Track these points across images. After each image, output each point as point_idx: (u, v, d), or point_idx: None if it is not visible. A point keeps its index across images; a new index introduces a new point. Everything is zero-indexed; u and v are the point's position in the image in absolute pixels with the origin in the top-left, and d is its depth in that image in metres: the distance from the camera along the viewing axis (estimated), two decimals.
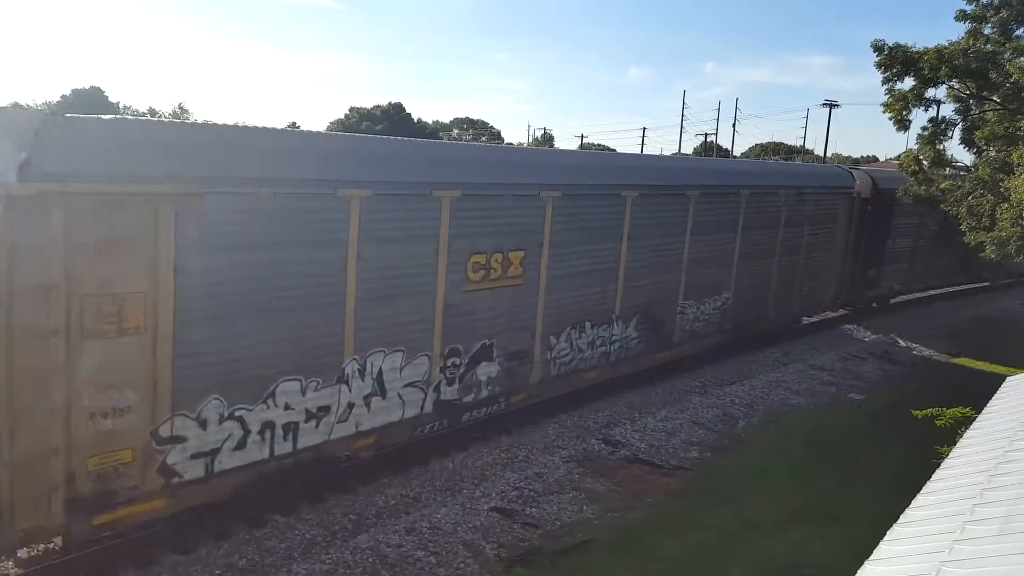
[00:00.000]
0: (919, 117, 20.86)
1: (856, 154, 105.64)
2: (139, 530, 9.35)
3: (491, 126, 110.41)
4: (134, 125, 9.35)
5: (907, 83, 18.97)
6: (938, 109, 20.56)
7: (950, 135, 19.92)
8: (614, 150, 72.99)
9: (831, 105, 71.01)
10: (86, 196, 7.81)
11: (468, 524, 10.80)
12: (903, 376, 20.14)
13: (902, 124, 19.16)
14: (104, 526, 8.62)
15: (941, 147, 19.89)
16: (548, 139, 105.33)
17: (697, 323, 18.06)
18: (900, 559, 5.00)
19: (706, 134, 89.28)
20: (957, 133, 20.11)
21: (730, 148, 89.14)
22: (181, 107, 66.54)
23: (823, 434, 15.37)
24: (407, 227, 11.19)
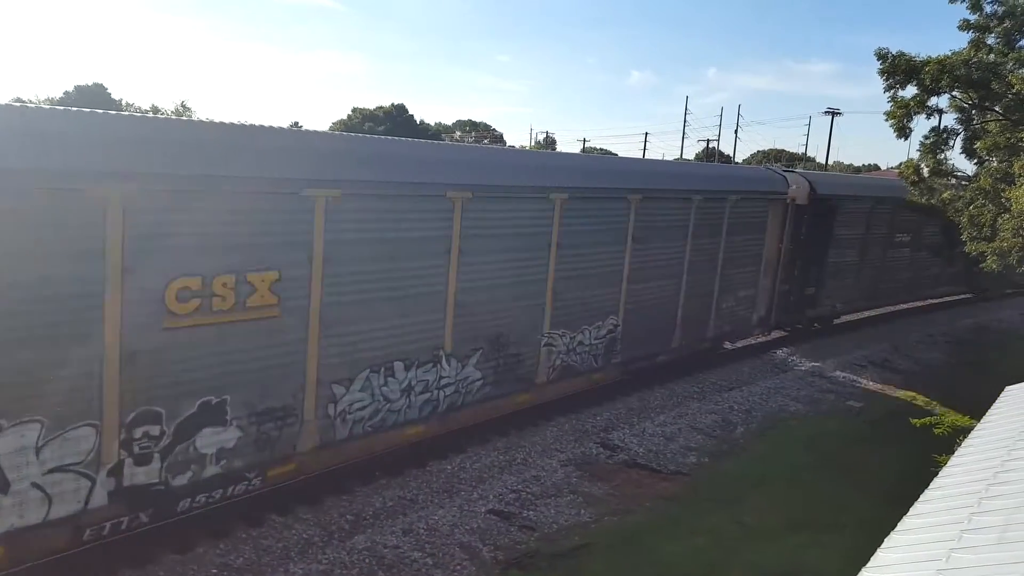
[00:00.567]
0: (921, 126, 20.88)
1: (858, 162, 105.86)
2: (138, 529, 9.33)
3: (493, 128, 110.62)
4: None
5: (909, 91, 19.00)
6: (940, 119, 20.61)
7: (951, 145, 19.93)
8: (615, 154, 72.65)
9: (833, 113, 71.32)
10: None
11: (465, 526, 10.81)
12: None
13: (903, 132, 19.15)
14: None
15: (943, 156, 19.89)
16: (551, 142, 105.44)
17: (573, 356, 14.93)
18: (897, 567, 5.01)
19: (708, 140, 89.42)
20: (959, 143, 20.13)
21: (732, 154, 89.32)
22: (184, 105, 66.66)
23: (822, 441, 15.38)
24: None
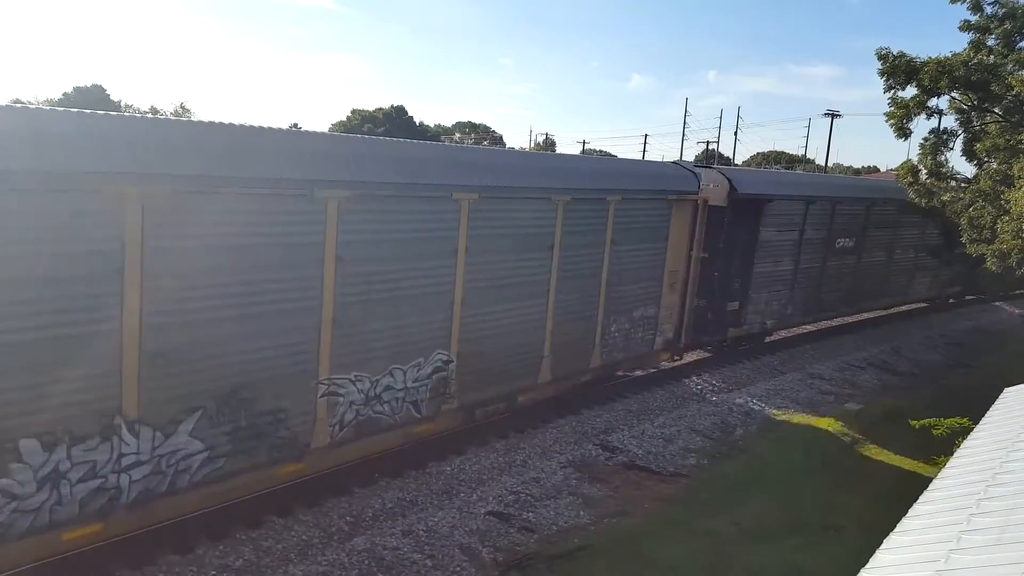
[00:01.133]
0: (921, 127, 20.81)
1: (858, 164, 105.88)
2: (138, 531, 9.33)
3: (493, 130, 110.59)
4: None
5: (909, 92, 19.00)
6: (939, 120, 20.60)
7: (951, 146, 19.92)
8: (614, 155, 72.47)
9: (833, 115, 71.32)
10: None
11: (465, 528, 10.80)
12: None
13: (903, 133, 19.14)
14: None
15: (942, 158, 19.88)
16: (550, 144, 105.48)
17: (377, 406, 11.39)
18: (896, 567, 5.01)
19: (707, 142, 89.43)
20: (958, 144, 20.12)
21: (732, 156, 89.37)
22: (183, 106, 66.67)
23: (821, 443, 15.37)
24: None
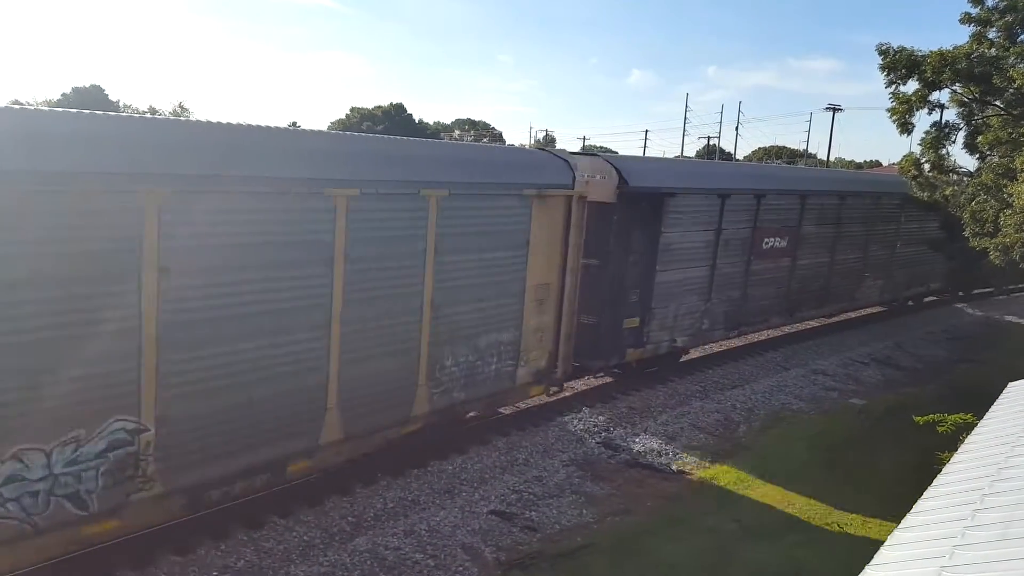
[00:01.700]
0: (923, 121, 20.72)
1: (860, 158, 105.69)
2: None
3: (492, 127, 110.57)
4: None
5: (911, 86, 18.93)
6: (941, 113, 20.51)
7: (953, 140, 19.83)
8: (616, 152, 72.42)
9: (834, 109, 71.22)
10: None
11: (467, 527, 10.77)
12: None
13: (905, 127, 19.08)
14: None
15: (944, 151, 19.80)
16: (550, 141, 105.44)
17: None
18: (901, 564, 4.97)
19: (708, 137, 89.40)
20: (960, 138, 20.03)
21: (733, 151, 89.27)
22: (181, 106, 66.65)
23: (824, 439, 15.32)
24: None
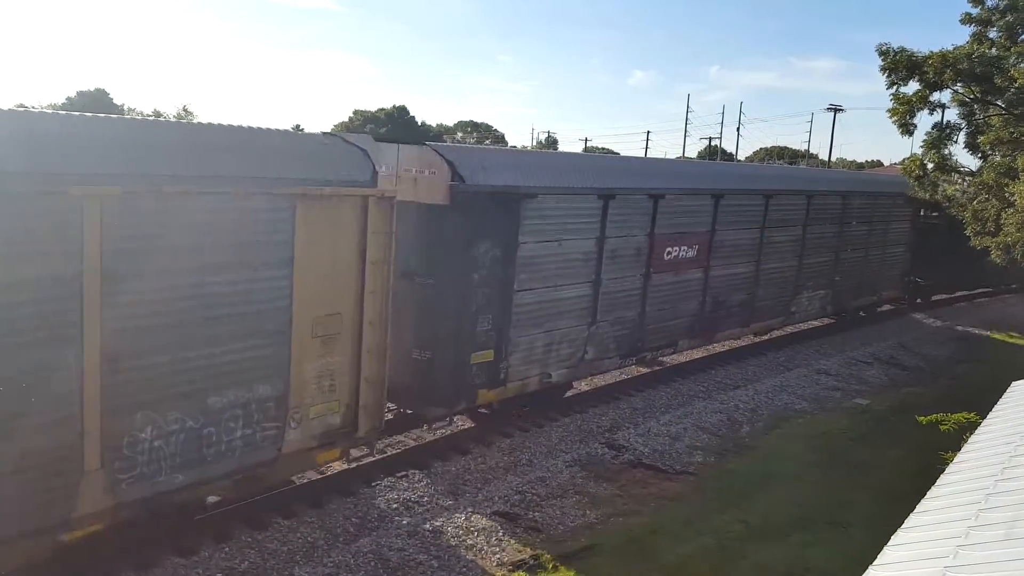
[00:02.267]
0: (924, 121, 20.69)
1: (862, 158, 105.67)
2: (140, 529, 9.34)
3: (495, 129, 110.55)
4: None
5: (912, 87, 18.94)
6: (943, 114, 20.52)
7: (955, 139, 19.84)
8: (618, 153, 72.18)
9: (836, 109, 71.16)
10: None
11: (471, 528, 10.78)
12: None
13: (906, 128, 19.11)
14: None
15: (946, 151, 19.80)
16: (552, 142, 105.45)
17: None
18: (904, 564, 4.98)
19: (710, 138, 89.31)
20: (962, 137, 20.04)
21: (735, 152, 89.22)
22: (186, 109, 66.71)
23: (827, 439, 15.32)
24: None
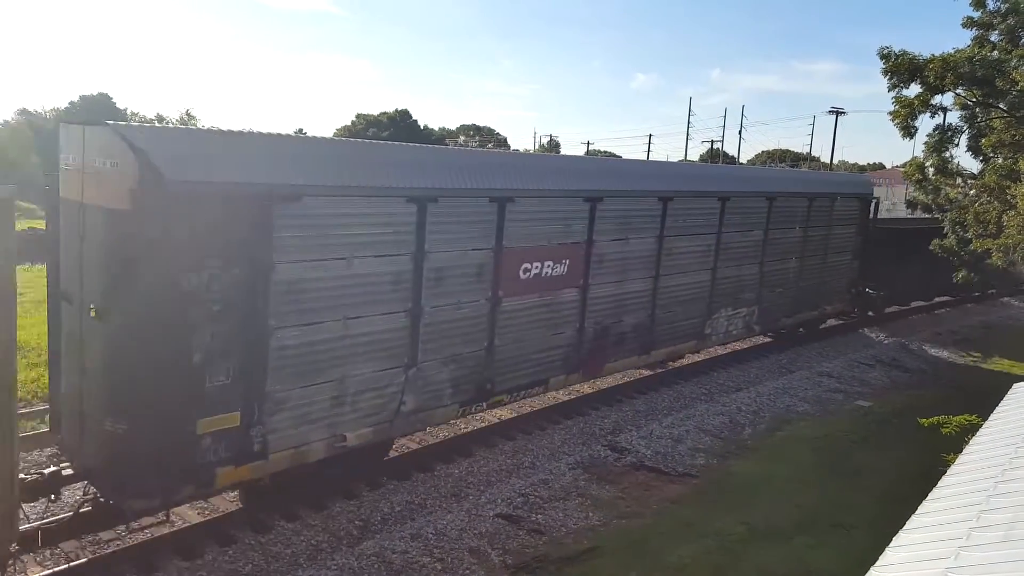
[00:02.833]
0: (926, 124, 20.73)
1: (863, 161, 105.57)
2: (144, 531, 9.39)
3: (497, 132, 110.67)
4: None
5: (913, 90, 18.97)
6: (944, 116, 20.54)
7: (956, 142, 19.87)
8: (619, 156, 72.23)
9: (837, 112, 71.14)
10: None
11: (474, 530, 10.81)
12: None
13: (908, 131, 19.13)
14: None
15: (947, 154, 19.83)
16: (554, 146, 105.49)
17: None
18: (906, 565, 5.00)
19: (712, 141, 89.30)
20: (963, 140, 20.07)
21: (736, 155, 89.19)
22: (188, 113, 66.96)
23: (830, 441, 15.32)
24: None
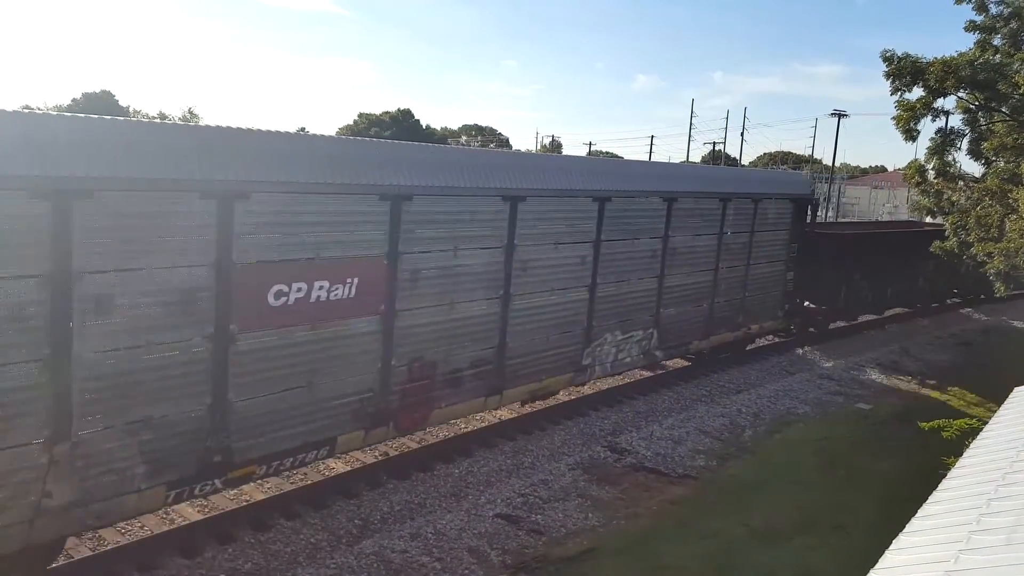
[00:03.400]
0: (928, 128, 20.72)
1: (865, 164, 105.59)
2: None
3: (499, 132, 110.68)
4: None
5: (916, 93, 18.97)
6: (946, 120, 20.54)
7: (958, 146, 19.85)
8: (621, 157, 72.40)
9: (839, 115, 71.00)
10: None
11: (473, 530, 10.81)
12: None
13: (910, 134, 19.14)
14: None
15: (949, 158, 19.82)
16: (557, 147, 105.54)
17: None
18: (906, 568, 4.99)
19: (714, 143, 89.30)
20: (965, 144, 20.05)
21: (738, 157, 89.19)
22: (191, 111, 66.96)
23: (830, 443, 15.32)
24: None
